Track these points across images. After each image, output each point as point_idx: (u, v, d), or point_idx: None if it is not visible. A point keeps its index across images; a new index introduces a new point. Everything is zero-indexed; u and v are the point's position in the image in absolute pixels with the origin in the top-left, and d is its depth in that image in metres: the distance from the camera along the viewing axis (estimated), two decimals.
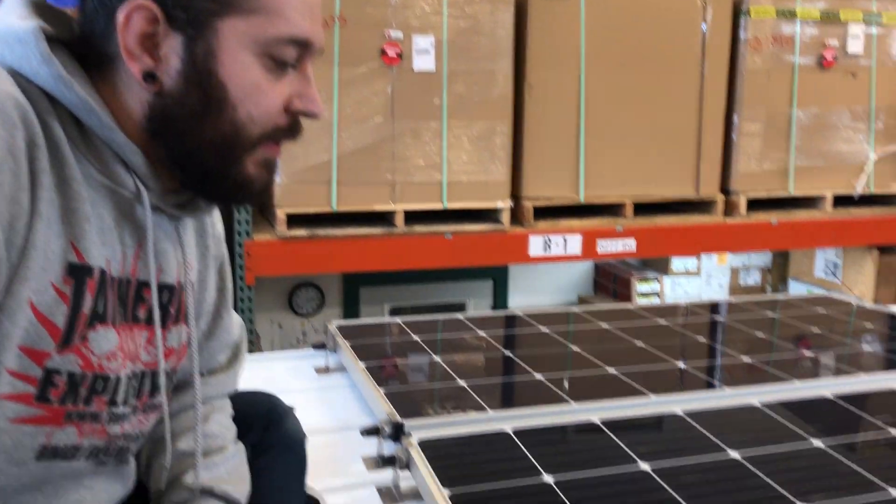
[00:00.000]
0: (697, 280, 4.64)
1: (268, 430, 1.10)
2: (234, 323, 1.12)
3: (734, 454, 1.38)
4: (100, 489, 0.86)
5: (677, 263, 4.63)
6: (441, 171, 3.32)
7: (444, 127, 3.19)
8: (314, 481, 1.22)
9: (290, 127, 0.86)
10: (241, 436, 1.07)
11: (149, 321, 0.85)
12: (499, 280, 4.50)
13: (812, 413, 1.55)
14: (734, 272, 4.77)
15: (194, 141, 0.80)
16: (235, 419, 1.08)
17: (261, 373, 1.91)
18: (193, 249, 0.95)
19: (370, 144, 3.15)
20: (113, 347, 0.80)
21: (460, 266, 3.74)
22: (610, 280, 4.69)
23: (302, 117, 0.89)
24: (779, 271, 4.75)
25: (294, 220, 2.98)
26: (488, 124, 3.23)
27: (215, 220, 1.02)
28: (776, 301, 2.45)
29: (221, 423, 1.04)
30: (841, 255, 4.16)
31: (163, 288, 0.87)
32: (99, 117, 0.77)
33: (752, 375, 1.75)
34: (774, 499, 1.24)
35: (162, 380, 0.88)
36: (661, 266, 4.69)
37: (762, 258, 4.81)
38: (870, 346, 1.97)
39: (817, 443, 1.43)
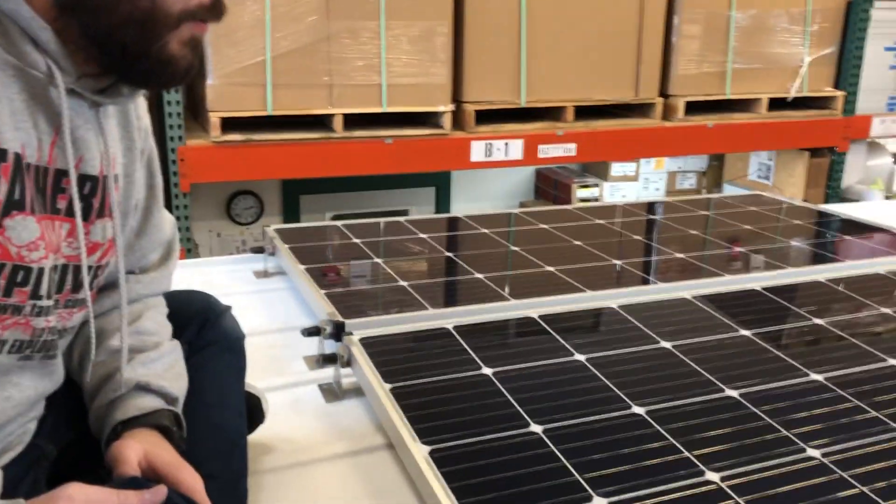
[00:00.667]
0: (635, 185, 4.70)
1: (204, 328, 1.09)
2: (166, 221, 1.09)
3: (666, 344, 1.43)
4: (27, 385, 0.84)
5: (616, 168, 4.68)
6: (380, 73, 3.24)
7: (383, 27, 3.10)
8: (255, 381, 1.22)
9: (212, 5, 0.82)
10: (177, 334, 1.05)
11: (69, 213, 0.82)
12: (441, 187, 4.49)
13: (742, 305, 1.61)
14: (671, 176, 4.85)
15: (109, 16, 0.75)
16: (171, 318, 1.07)
17: (198, 277, 1.88)
18: (117, 141, 0.91)
19: (306, 45, 3.05)
20: (34, 237, 0.77)
21: (401, 172, 3.70)
22: (551, 186, 4.72)
23: None
24: (714, 175, 4.84)
25: (228, 125, 2.89)
26: (428, 25, 3.15)
27: (141, 112, 0.97)
28: (710, 200, 2.51)
29: (156, 321, 1.02)
30: (774, 157, 4.25)
31: (84, 179, 0.83)
32: None
33: (686, 271, 1.80)
34: (703, 384, 1.29)
35: (85, 274, 0.86)
36: (600, 171, 4.73)
37: (698, 162, 4.89)
38: (797, 242, 2.04)
39: (745, 332, 1.49)
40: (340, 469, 1.16)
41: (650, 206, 2.47)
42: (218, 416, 1.03)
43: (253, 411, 1.16)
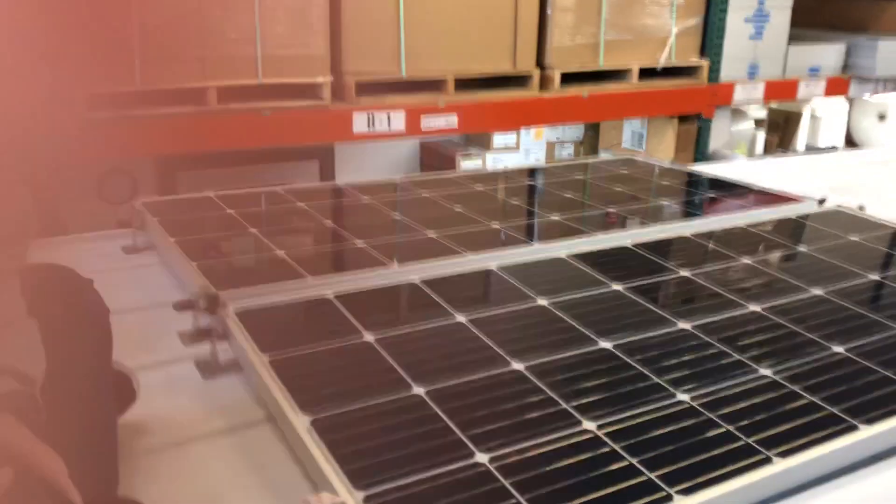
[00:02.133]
0: (517, 155, 4.79)
1: (63, 303, 1.03)
2: (16, 195, 1.02)
3: (543, 301, 1.46)
4: None
5: (498, 139, 4.74)
6: (255, 44, 3.14)
7: None
8: (125, 360, 1.16)
9: None
10: (34, 311, 0.98)
11: None
12: (325, 161, 4.41)
13: (614, 261, 1.66)
14: (550, 146, 4.96)
15: None
16: (25, 293, 1.00)
17: (62, 255, 1.77)
18: None
19: (176, 16, 2.92)
20: None
21: (281, 144, 3.62)
22: (435, 158, 4.73)
23: None
24: (590, 144, 4.99)
25: (97, 101, 2.74)
26: None
27: None
28: (586, 164, 2.57)
29: (6, 297, 0.95)
30: (645, 125, 4.41)
31: None
32: None
33: (562, 231, 1.84)
34: (579, 338, 1.32)
35: None
36: (482, 143, 4.78)
37: (575, 132, 5.02)
38: (667, 201, 2.12)
39: (617, 286, 1.54)
40: (220, 446, 1.13)
41: (529, 172, 2.51)
42: (81, 396, 0.97)
43: (123, 391, 1.11)
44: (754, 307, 1.46)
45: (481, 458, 1.02)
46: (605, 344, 1.31)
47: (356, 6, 3.26)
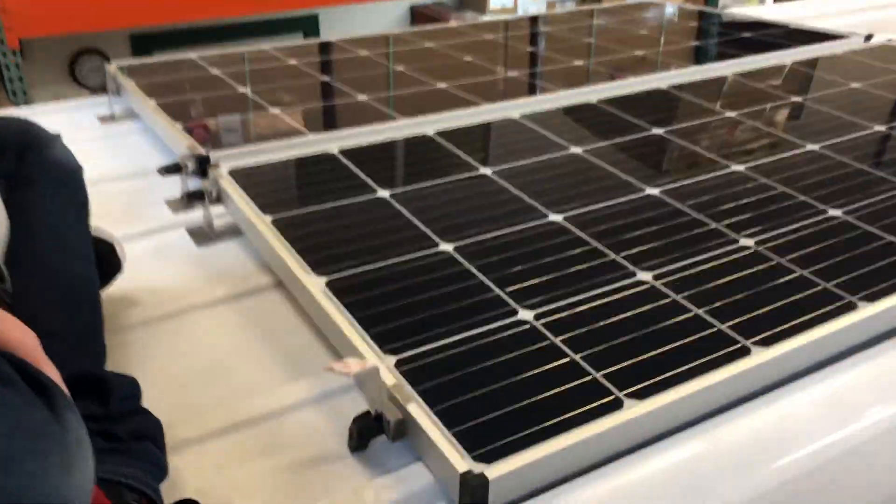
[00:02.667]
0: (514, 17, 4.49)
1: (25, 159, 0.86)
2: None
3: (576, 149, 1.30)
4: None
5: (494, 1, 4.44)
6: None
7: None
8: (109, 231, 1.01)
9: None
10: None
11: None
12: (310, 31, 4.14)
13: (646, 105, 1.49)
14: (550, 6, 4.66)
15: None
16: None
17: None
18: None
19: None
20: None
21: (263, 11, 3.35)
22: (427, 23, 4.44)
23: None
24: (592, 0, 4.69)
25: None
26: None
27: None
28: (594, 10, 2.35)
29: None
30: None
31: None
32: None
33: (584, 77, 1.66)
34: (622, 185, 1.17)
35: None
36: (478, 5, 4.48)
37: None
38: (704, 42, 1.92)
39: (657, 130, 1.37)
40: (223, 314, 0.99)
41: (534, 19, 2.28)
42: (56, 262, 0.82)
43: (105, 259, 0.96)
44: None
45: (525, 315, 0.89)
46: (652, 191, 1.16)
47: None
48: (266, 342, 0.94)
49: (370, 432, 0.76)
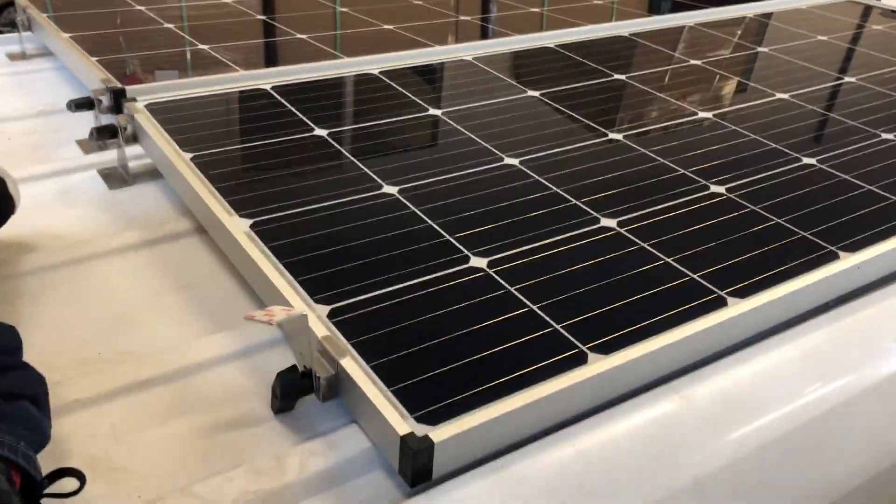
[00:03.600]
0: None
1: None
2: None
3: (533, 92, 1.20)
4: None
5: None
6: None
7: None
8: (11, 172, 0.88)
9: None
10: None
11: None
12: None
13: (607, 51, 1.39)
14: None
15: None
16: None
17: None
18: None
19: None
20: None
21: None
22: None
23: None
24: None
25: None
26: None
27: None
28: None
29: None
30: None
31: None
32: None
33: (539, 23, 1.56)
34: (582, 129, 1.08)
35: None
36: None
37: None
38: None
39: (619, 76, 1.28)
40: (134, 262, 0.87)
41: None
42: None
43: None
44: None
45: (477, 262, 0.79)
46: (615, 135, 1.07)
47: None
48: (182, 292, 0.82)
49: (297, 391, 0.65)
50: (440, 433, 0.58)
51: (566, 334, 0.70)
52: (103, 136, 1.03)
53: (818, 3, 1.84)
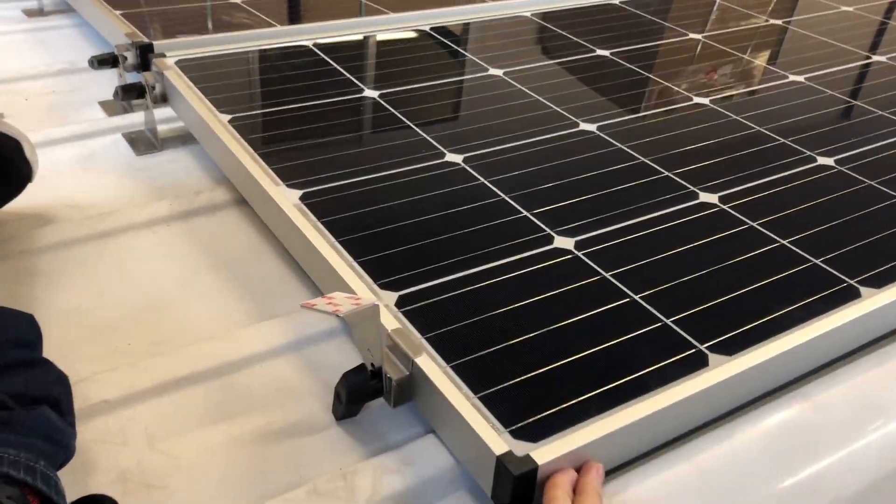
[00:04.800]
0: None
1: None
2: None
3: (602, 52, 1.08)
4: None
5: None
6: None
7: None
8: (29, 135, 0.78)
9: None
10: None
11: None
12: None
13: (675, 8, 1.27)
14: None
15: None
16: None
17: None
18: None
19: None
20: None
21: None
22: None
23: None
24: None
25: None
26: None
27: None
28: None
29: None
30: None
31: None
32: None
33: None
34: (669, 90, 0.96)
35: None
36: None
37: None
38: None
39: (695, 35, 1.16)
40: (166, 236, 0.76)
41: None
42: None
43: (9, 162, 0.73)
44: None
45: (563, 242, 0.68)
46: (701, 100, 0.95)
47: None
48: (221, 271, 0.72)
49: (364, 394, 0.55)
50: (543, 453, 0.48)
51: (679, 331, 0.59)
52: (129, 95, 0.92)
53: None
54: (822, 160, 0.83)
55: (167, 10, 1.16)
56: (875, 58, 1.12)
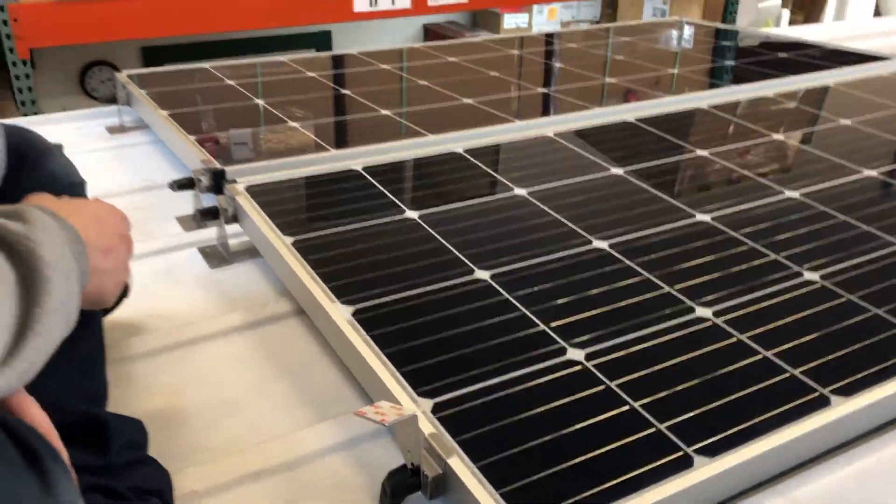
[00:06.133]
0: None
1: (21, 170, 0.78)
2: None
3: (617, 170, 1.21)
4: None
5: (508, 20, 4.37)
6: None
7: None
8: None
9: None
10: None
11: None
12: (321, 47, 4.08)
13: (687, 124, 1.40)
14: (565, 27, 4.60)
15: None
16: None
17: None
18: None
19: None
20: None
21: (277, 26, 3.29)
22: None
23: None
24: (608, 22, 4.62)
25: None
26: None
27: None
28: (609, 28, 2.27)
29: None
30: (668, 1, 4.05)
31: None
32: None
33: (617, 95, 1.58)
34: (670, 209, 1.09)
35: None
36: (492, 25, 4.42)
37: (591, 10, 4.64)
38: (736, 61, 1.84)
39: (701, 152, 1.29)
40: (238, 345, 0.90)
41: (550, 36, 2.21)
42: None
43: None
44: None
45: (574, 354, 0.80)
46: (703, 217, 1.08)
47: None
48: (286, 378, 0.85)
49: (405, 489, 0.67)
50: None
51: (670, 435, 0.70)
52: (206, 217, 1.08)
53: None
54: (808, 275, 0.94)
55: (241, 135, 1.33)
56: (865, 172, 1.23)
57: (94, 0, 2.60)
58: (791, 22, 5.15)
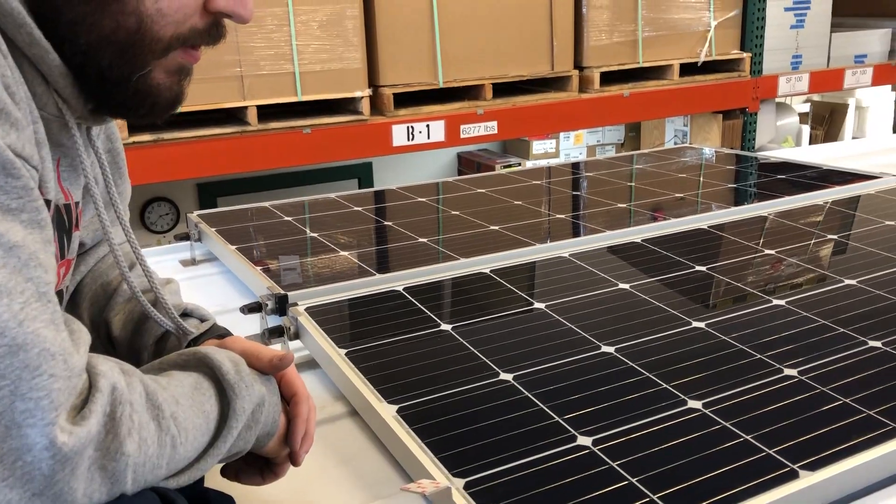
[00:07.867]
0: (557, 161, 4.72)
1: None
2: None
3: (624, 285, 1.39)
4: None
5: (537, 146, 4.68)
6: (292, 61, 3.13)
7: (291, 12, 2.99)
8: None
9: (209, 29, 0.74)
10: None
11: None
12: (363, 178, 4.40)
13: (688, 244, 1.59)
14: (590, 150, 4.89)
15: (89, 33, 0.67)
16: None
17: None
18: (104, 155, 0.87)
19: None
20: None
21: (321, 161, 3.60)
22: (473, 168, 4.69)
23: (225, 19, 0.76)
24: (631, 145, 4.91)
25: (136, 125, 2.73)
26: (337, 8, 3.06)
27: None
28: (632, 155, 2.50)
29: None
30: (689, 123, 4.33)
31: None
32: (30, 32, 0.65)
33: (629, 218, 1.78)
34: (667, 318, 1.26)
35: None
36: (521, 151, 4.73)
37: (616, 134, 4.94)
38: (733, 184, 2.04)
39: (700, 267, 1.46)
40: None
41: (576, 165, 2.44)
42: None
43: None
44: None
45: (583, 440, 0.95)
46: (698, 323, 1.24)
47: (390, 17, 3.24)
48: (343, 466, 1.01)
49: None
50: None
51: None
52: (273, 335, 1.27)
53: (891, 188, 2.01)
54: (787, 371, 1.10)
55: (298, 264, 1.54)
56: (846, 280, 1.40)
57: (156, 144, 2.92)
58: (811, 138, 5.38)
